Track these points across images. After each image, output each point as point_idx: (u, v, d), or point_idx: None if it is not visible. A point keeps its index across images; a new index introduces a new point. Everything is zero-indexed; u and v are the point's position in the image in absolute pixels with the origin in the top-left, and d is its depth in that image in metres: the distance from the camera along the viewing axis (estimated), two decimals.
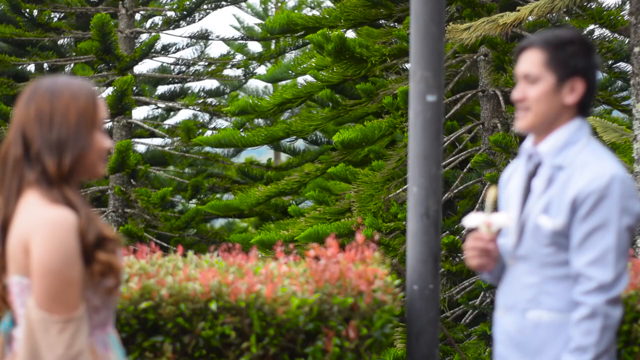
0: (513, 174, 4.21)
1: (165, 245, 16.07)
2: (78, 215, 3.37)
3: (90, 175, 3.52)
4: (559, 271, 3.95)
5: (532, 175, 4.06)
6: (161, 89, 19.63)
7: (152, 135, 18.25)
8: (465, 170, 12.81)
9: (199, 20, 17.81)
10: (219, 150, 18.88)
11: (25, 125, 3.44)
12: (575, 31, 4.08)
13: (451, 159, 12.99)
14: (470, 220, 4.00)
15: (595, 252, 3.85)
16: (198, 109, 18.31)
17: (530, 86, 4.01)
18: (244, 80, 19.69)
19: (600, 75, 12.92)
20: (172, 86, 19.29)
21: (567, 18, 9.95)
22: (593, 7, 9.15)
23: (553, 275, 3.96)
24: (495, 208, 4.01)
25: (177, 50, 18.18)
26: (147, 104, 18.16)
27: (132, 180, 16.85)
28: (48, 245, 3.30)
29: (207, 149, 18.33)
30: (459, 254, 12.51)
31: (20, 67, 18.39)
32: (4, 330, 3.58)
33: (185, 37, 18.16)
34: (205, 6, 17.58)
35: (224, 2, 17.63)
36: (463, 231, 12.84)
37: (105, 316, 3.55)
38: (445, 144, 12.87)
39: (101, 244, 3.42)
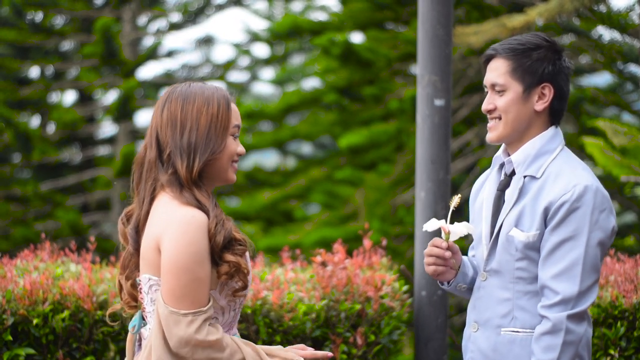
0: (485, 184, 4.14)
1: None
2: (208, 217, 3.49)
3: (222, 181, 3.64)
4: (533, 287, 3.87)
5: (504, 186, 3.99)
6: None
7: None
8: (473, 174, 12.74)
9: (204, 23, 17.78)
10: None
11: (159, 129, 3.60)
12: (542, 36, 3.99)
13: (459, 163, 12.92)
14: (430, 225, 3.93)
15: (561, 265, 3.77)
16: None
17: (499, 96, 3.95)
18: (249, 84, 19.66)
19: (610, 78, 12.85)
20: None
21: (577, 22, 9.88)
22: (603, 9, 9.08)
23: (527, 290, 3.88)
24: (455, 214, 3.95)
25: (182, 53, 18.13)
26: (152, 106, 18.13)
27: None
28: (178, 243, 3.42)
29: None
30: None
31: (23, 72, 18.35)
32: (133, 328, 3.69)
33: (190, 41, 18.12)
34: (209, 11, 17.53)
35: (229, 4, 17.56)
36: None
37: (230, 317, 3.64)
38: (454, 148, 12.80)
39: (229, 246, 3.52)
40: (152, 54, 17.51)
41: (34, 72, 18.76)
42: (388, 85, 13.62)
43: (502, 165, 4.06)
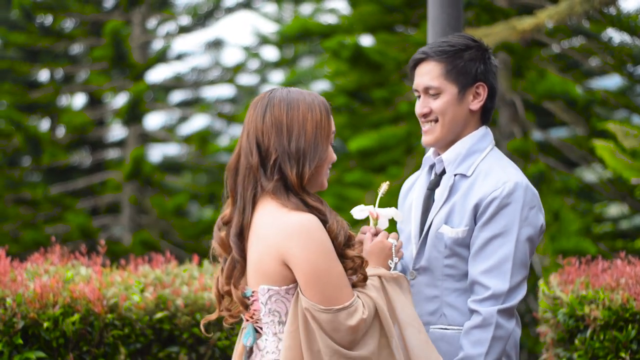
0: (414, 185, 4.16)
1: (181, 252, 16.00)
2: (325, 219, 3.51)
3: (318, 187, 3.63)
4: (462, 284, 3.88)
5: (434, 185, 4.00)
6: (176, 97, 19.64)
7: (167, 140, 18.23)
8: None
9: (213, 26, 17.78)
10: None
11: (259, 135, 3.54)
12: (467, 36, 4.01)
13: None
14: (358, 211, 3.93)
15: (492, 261, 3.79)
16: (215, 113, 18.27)
17: (433, 99, 3.95)
18: (259, 87, 19.66)
19: (620, 81, 12.83)
20: (187, 93, 19.28)
21: (587, 25, 9.89)
22: (613, 12, 9.07)
23: (455, 287, 3.90)
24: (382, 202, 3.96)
25: (192, 56, 18.14)
26: (162, 109, 18.15)
27: (148, 185, 16.80)
28: (310, 249, 3.43)
29: (223, 157, 18.28)
30: None
31: (33, 75, 18.39)
32: (248, 341, 3.67)
33: (199, 44, 18.13)
34: (219, 14, 17.54)
35: (238, 7, 17.57)
36: None
37: None
38: None
39: (349, 243, 3.56)
40: (162, 57, 17.53)
41: (43, 75, 18.81)
42: (398, 88, 13.61)
43: (432, 166, 4.07)
